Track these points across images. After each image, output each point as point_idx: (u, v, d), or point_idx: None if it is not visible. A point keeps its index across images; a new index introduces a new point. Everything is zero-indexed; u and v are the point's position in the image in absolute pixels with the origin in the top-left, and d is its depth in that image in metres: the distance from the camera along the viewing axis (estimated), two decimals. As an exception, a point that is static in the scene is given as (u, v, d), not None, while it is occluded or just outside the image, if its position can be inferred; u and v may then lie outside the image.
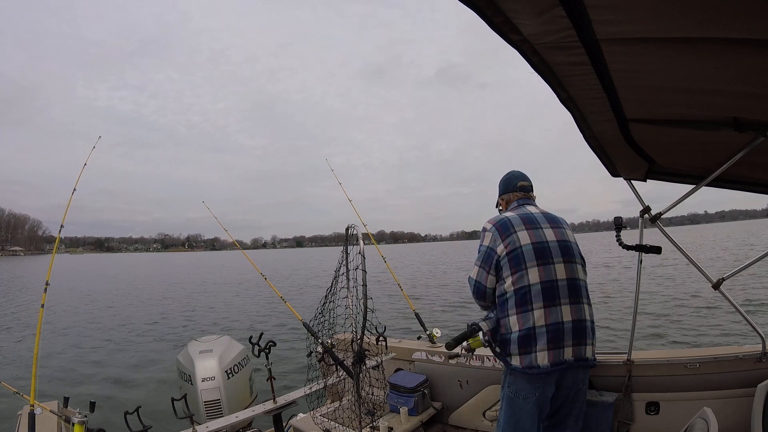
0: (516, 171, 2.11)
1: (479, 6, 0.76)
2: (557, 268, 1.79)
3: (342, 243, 2.21)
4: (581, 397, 1.86)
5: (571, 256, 1.85)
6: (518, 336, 1.74)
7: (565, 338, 1.73)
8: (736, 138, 1.47)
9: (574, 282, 1.81)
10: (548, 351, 1.71)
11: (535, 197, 2.06)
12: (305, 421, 2.70)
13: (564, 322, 1.74)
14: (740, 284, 10.90)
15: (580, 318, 1.78)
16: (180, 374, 3.31)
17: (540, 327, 1.73)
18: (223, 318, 11.80)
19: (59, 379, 6.68)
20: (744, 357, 2.08)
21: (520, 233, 1.83)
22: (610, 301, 10.65)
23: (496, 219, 1.92)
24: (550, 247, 1.82)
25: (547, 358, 1.71)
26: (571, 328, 1.75)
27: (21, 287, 22.97)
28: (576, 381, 1.81)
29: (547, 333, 1.72)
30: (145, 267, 47.96)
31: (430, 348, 3.00)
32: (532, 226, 1.85)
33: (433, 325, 3.33)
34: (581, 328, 1.77)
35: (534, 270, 1.77)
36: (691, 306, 9.50)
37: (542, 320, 1.73)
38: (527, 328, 1.74)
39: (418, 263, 35.11)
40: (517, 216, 1.89)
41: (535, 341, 1.72)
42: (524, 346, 1.73)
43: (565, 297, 1.77)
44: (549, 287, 1.76)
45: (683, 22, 0.80)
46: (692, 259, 2.14)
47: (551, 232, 1.86)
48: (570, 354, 1.74)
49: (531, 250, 1.80)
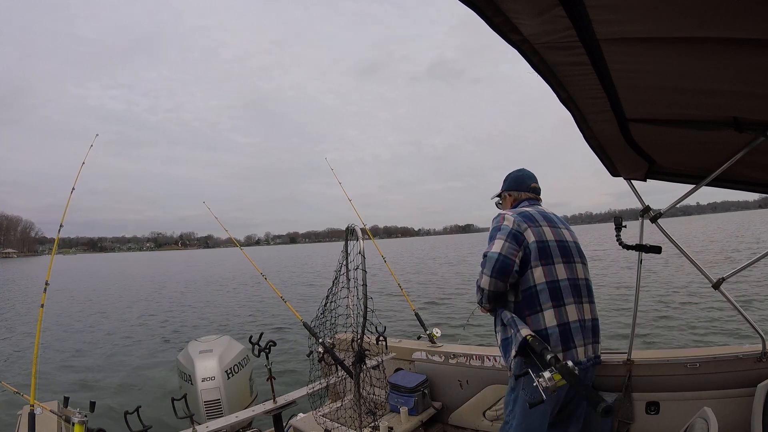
0: (528, 171, 2.10)
1: (479, 6, 0.76)
2: (578, 268, 1.84)
3: (336, 239, 2.21)
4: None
5: (583, 258, 1.92)
6: (558, 331, 1.67)
7: (587, 335, 1.77)
8: (736, 138, 1.47)
9: (588, 282, 1.87)
10: (584, 346, 1.73)
11: (541, 200, 2.08)
12: (305, 421, 2.70)
13: (586, 319, 1.78)
14: (740, 284, 10.91)
15: (595, 317, 1.85)
16: (180, 374, 3.31)
17: (574, 322, 1.72)
18: (222, 318, 11.80)
19: (59, 378, 6.68)
20: (744, 357, 2.08)
21: (545, 228, 1.81)
22: (610, 301, 10.64)
23: (517, 211, 1.87)
24: (570, 246, 1.86)
25: (584, 353, 1.72)
26: (590, 327, 1.80)
27: (21, 290, 22.97)
28: (586, 378, 1.81)
29: (582, 330, 1.74)
30: (140, 267, 47.77)
31: (430, 348, 3.01)
32: (552, 225, 1.86)
33: (433, 325, 3.34)
34: (597, 326, 1.85)
35: (561, 266, 1.77)
36: (691, 306, 9.50)
37: (575, 315, 1.73)
38: (564, 324, 1.68)
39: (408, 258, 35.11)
40: (537, 212, 1.88)
41: (572, 337, 1.70)
42: (565, 342, 1.67)
43: (586, 296, 1.83)
44: (575, 285, 1.79)
45: (683, 22, 0.80)
46: (692, 258, 2.14)
47: (567, 233, 1.91)
48: (592, 351, 1.79)
49: (556, 247, 1.80)
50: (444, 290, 14.48)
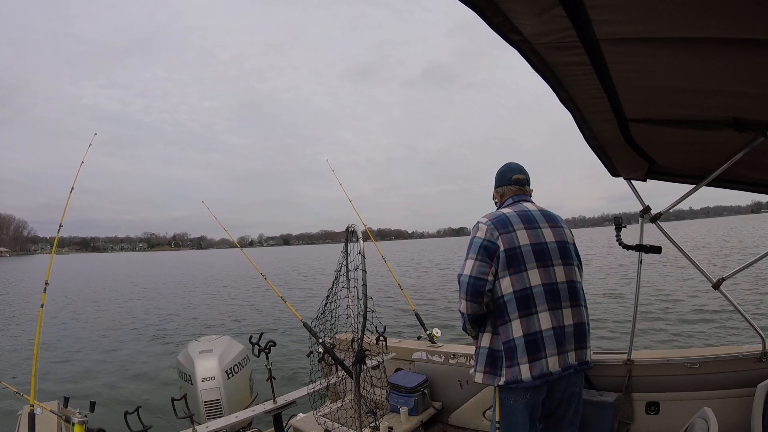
0: (512, 163, 1.99)
1: (479, 6, 0.76)
2: (557, 271, 1.74)
3: (330, 241, 2.22)
4: (576, 399, 1.81)
5: (569, 258, 1.80)
6: (525, 342, 1.65)
7: (567, 342, 1.70)
8: (736, 138, 1.47)
9: (573, 285, 1.77)
10: (558, 356, 1.66)
11: (531, 191, 1.98)
12: (305, 421, 2.70)
13: (566, 325, 1.70)
14: (740, 284, 10.91)
15: (581, 321, 1.75)
16: (180, 374, 3.31)
17: (547, 330, 1.66)
18: (222, 318, 11.80)
19: (60, 379, 6.68)
20: (744, 357, 2.08)
21: (519, 232, 1.74)
22: (609, 301, 10.64)
23: (493, 215, 1.82)
24: (549, 248, 1.76)
25: (558, 363, 1.66)
26: (573, 332, 1.72)
27: (16, 289, 22.95)
28: (569, 384, 1.76)
29: (558, 337, 1.67)
30: (136, 267, 47.61)
31: (430, 348, 3.00)
32: (531, 226, 1.78)
33: (433, 324, 3.34)
34: (582, 331, 1.75)
35: (534, 272, 1.71)
36: (691, 306, 9.50)
37: (548, 323, 1.67)
38: (533, 333, 1.66)
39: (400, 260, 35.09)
40: (515, 213, 1.80)
41: (544, 346, 1.66)
42: (533, 352, 1.65)
43: (566, 300, 1.73)
44: (550, 290, 1.71)
45: (683, 22, 0.80)
46: (692, 258, 2.15)
47: (550, 233, 1.80)
48: (574, 358, 1.71)
49: (530, 251, 1.72)
50: (442, 292, 14.48)
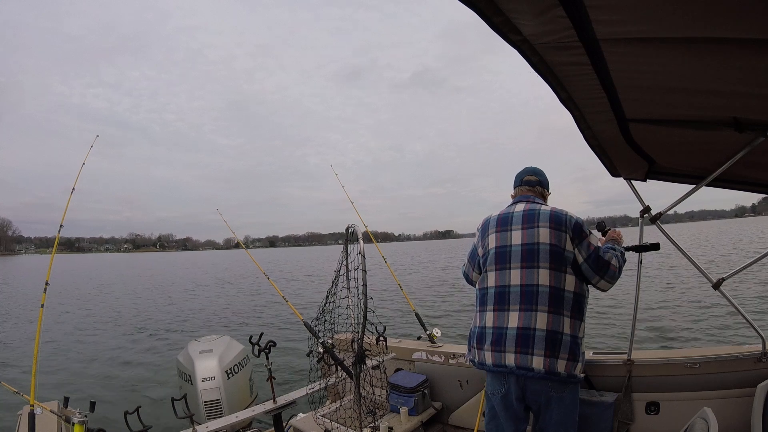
0: (529, 167, 2.07)
1: (479, 6, 0.76)
2: (512, 274, 1.79)
3: (315, 243, 2.23)
4: (557, 408, 1.72)
5: (532, 261, 1.76)
6: (476, 332, 1.88)
7: (506, 343, 1.74)
8: (736, 138, 1.47)
9: (529, 288, 1.73)
10: (492, 352, 1.78)
11: (541, 190, 2.01)
12: (305, 421, 2.70)
13: (508, 327, 1.75)
14: (740, 284, 10.91)
15: (527, 326, 1.70)
16: (180, 374, 3.32)
17: (489, 328, 1.82)
18: (222, 318, 11.80)
19: (59, 378, 6.68)
20: (744, 357, 2.08)
21: (491, 236, 1.91)
22: (609, 301, 10.64)
23: (484, 219, 2.01)
24: (511, 252, 1.82)
25: (491, 358, 1.79)
26: (514, 335, 1.72)
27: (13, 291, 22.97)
28: (542, 390, 1.71)
29: (493, 335, 1.79)
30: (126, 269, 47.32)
31: (430, 348, 3.01)
32: (503, 229, 1.89)
33: (434, 324, 3.34)
34: (527, 336, 1.70)
35: (493, 273, 1.86)
36: (691, 306, 9.50)
37: (491, 322, 1.81)
38: (481, 327, 1.86)
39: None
40: (498, 216, 1.95)
41: (485, 340, 1.82)
42: (477, 342, 1.86)
43: (516, 303, 1.75)
44: (501, 292, 1.82)
45: (683, 22, 0.80)
46: (692, 259, 2.14)
47: (519, 235, 1.81)
48: (512, 360, 1.71)
49: (495, 254, 1.87)
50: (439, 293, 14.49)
